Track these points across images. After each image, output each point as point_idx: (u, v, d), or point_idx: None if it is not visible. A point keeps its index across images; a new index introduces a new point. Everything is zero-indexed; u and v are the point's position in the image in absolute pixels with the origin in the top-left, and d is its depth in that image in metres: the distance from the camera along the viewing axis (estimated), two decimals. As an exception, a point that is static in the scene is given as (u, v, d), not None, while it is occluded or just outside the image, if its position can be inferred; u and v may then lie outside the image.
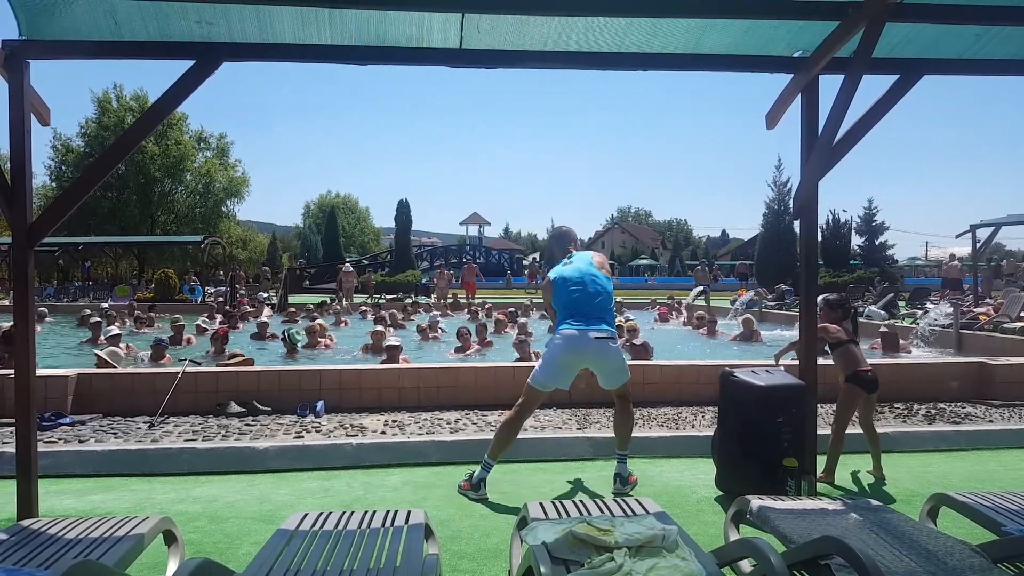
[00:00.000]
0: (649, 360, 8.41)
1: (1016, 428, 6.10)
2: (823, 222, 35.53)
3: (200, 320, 14.68)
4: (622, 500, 3.30)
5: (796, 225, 5.14)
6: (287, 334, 11.23)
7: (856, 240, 38.55)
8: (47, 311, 18.12)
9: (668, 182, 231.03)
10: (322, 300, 20.67)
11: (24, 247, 3.62)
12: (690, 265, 53.59)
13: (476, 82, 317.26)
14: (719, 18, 3.94)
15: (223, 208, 48.50)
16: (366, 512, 3.07)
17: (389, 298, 25.49)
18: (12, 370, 4.04)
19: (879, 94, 4.26)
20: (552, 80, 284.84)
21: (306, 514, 3.03)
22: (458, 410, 6.59)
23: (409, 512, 3.05)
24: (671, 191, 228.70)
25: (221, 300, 23.11)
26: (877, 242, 38.91)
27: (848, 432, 4.98)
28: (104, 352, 8.57)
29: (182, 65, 3.84)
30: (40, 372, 5.86)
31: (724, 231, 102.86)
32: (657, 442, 5.59)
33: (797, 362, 4.85)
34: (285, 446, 5.31)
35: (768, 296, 23.73)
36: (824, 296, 5.29)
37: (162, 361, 9.74)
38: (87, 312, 16.95)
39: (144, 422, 6.09)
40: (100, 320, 13.37)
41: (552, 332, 4.68)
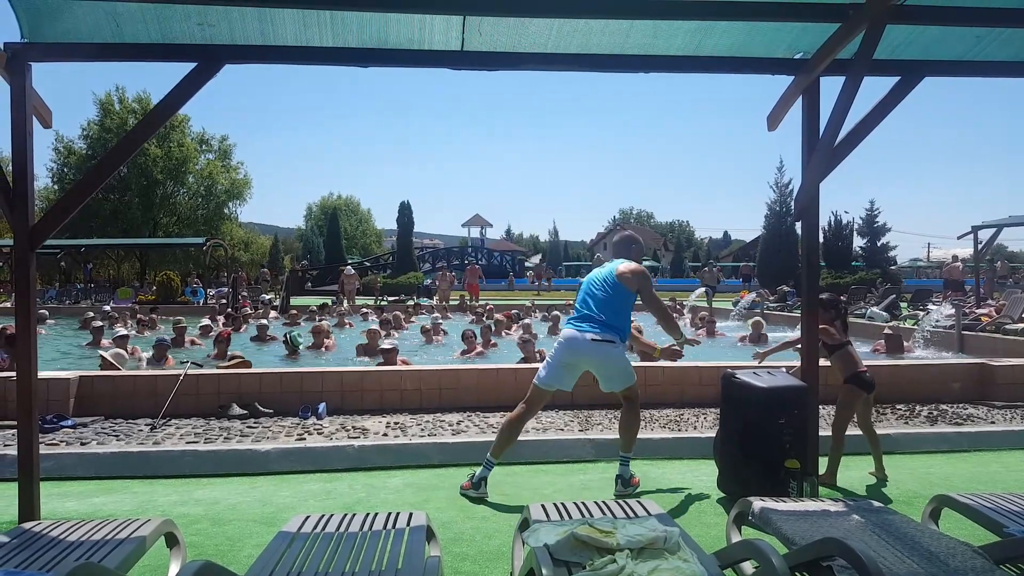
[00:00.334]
0: (650, 362, 8.38)
1: (1018, 429, 6.09)
2: (825, 223, 35.52)
3: (205, 321, 14.70)
4: (624, 502, 3.29)
5: (798, 226, 5.14)
6: (289, 336, 11.24)
7: (858, 241, 38.58)
8: (48, 313, 18.12)
9: (670, 183, 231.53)
10: (323, 302, 20.67)
11: (26, 249, 3.63)
12: (693, 267, 53.54)
13: (477, 84, 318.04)
14: (720, 20, 3.93)
15: (225, 210, 48.41)
16: (368, 514, 3.07)
17: (391, 300, 25.50)
18: (14, 372, 4.04)
19: (880, 96, 4.26)
20: (553, 82, 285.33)
21: (308, 516, 3.03)
22: (460, 412, 6.59)
23: (411, 514, 3.06)
24: (673, 192, 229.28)
25: (224, 302, 23.11)
26: (879, 243, 38.90)
27: (849, 434, 4.98)
28: (109, 354, 8.58)
29: (184, 67, 3.85)
30: (42, 374, 5.87)
31: (726, 232, 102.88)
32: (659, 444, 5.59)
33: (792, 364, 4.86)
34: (287, 448, 5.31)
35: (770, 297, 23.72)
36: (822, 296, 5.26)
37: (165, 362, 9.75)
38: (89, 314, 16.95)
39: (146, 424, 6.10)
40: (102, 324, 13.36)
41: None
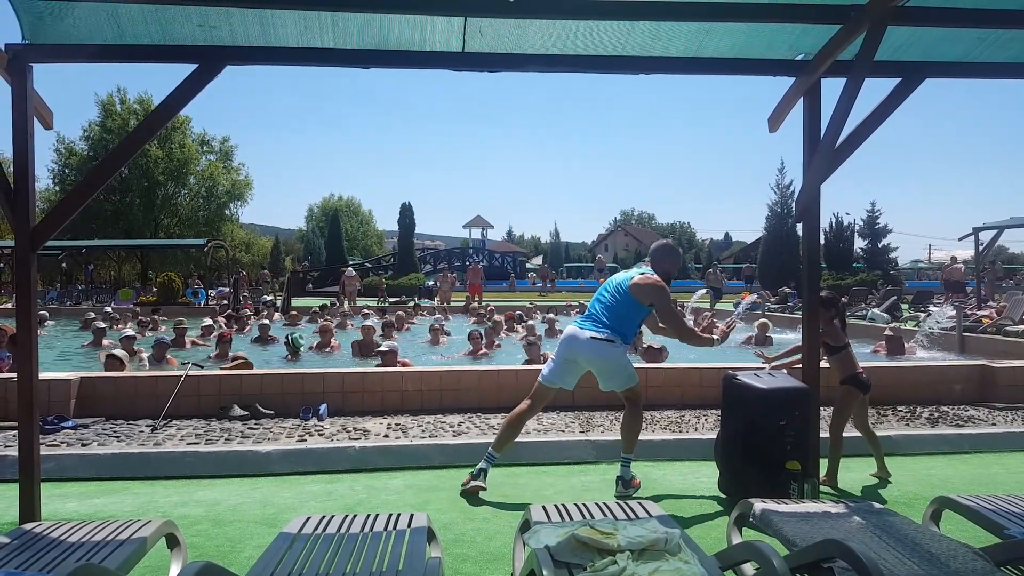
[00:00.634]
0: (652, 363, 8.39)
1: (1019, 431, 6.08)
2: (826, 225, 35.47)
3: (207, 321, 14.70)
4: (625, 503, 3.28)
5: (799, 228, 5.13)
6: (290, 338, 11.24)
7: (859, 243, 38.43)
8: (48, 314, 18.12)
9: (671, 185, 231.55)
10: (323, 304, 20.66)
11: (27, 250, 3.63)
12: (696, 268, 53.43)
13: (479, 85, 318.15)
14: (721, 21, 3.93)
15: (226, 211, 48.49)
16: (369, 515, 3.06)
17: (392, 301, 25.50)
18: (15, 373, 4.05)
19: (881, 97, 4.26)
20: (554, 83, 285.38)
21: (309, 517, 3.03)
22: (461, 413, 6.59)
23: (412, 515, 3.05)
24: (674, 193, 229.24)
25: (224, 303, 23.12)
26: (880, 245, 38.79)
27: (849, 435, 4.97)
28: (114, 351, 8.62)
29: (185, 69, 3.85)
30: (43, 375, 5.87)
31: (727, 234, 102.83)
32: (660, 445, 5.58)
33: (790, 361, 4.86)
34: (288, 449, 5.31)
35: (771, 299, 23.70)
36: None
37: (167, 362, 9.75)
38: (91, 315, 16.96)
39: (147, 425, 6.10)
40: (104, 327, 13.38)
41: None
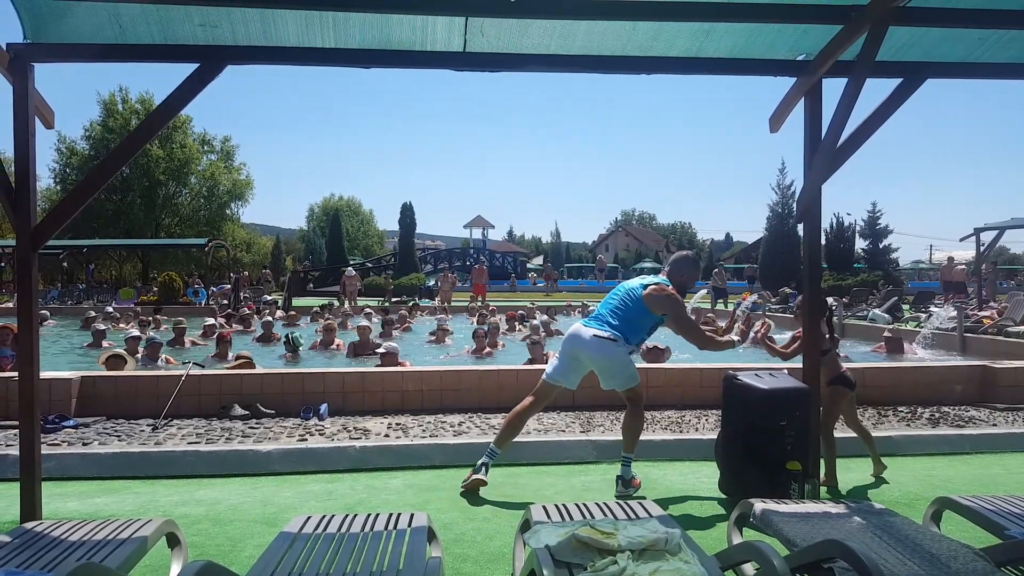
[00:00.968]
0: (653, 363, 8.40)
1: (1020, 432, 6.08)
2: (827, 225, 35.42)
3: (210, 321, 14.71)
4: (625, 503, 3.28)
5: (800, 228, 5.13)
6: (290, 336, 11.28)
7: (860, 243, 38.42)
8: (48, 314, 18.14)
9: (671, 185, 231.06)
10: (323, 303, 20.66)
11: (28, 250, 3.63)
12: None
13: (479, 85, 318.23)
14: (722, 22, 3.93)
15: (227, 211, 48.51)
16: (369, 515, 3.07)
17: (394, 301, 25.51)
18: (16, 372, 4.05)
19: (882, 97, 4.26)
20: (555, 83, 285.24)
21: (309, 517, 3.03)
22: (461, 413, 6.59)
23: (412, 515, 3.05)
24: (674, 194, 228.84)
25: (225, 302, 23.12)
26: (881, 245, 38.78)
27: (849, 436, 4.96)
28: (118, 350, 8.64)
29: (186, 68, 3.86)
30: (44, 375, 5.87)
31: (728, 234, 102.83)
32: (660, 445, 5.58)
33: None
34: (288, 449, 5.31)
35: (772, 299, 23.68)
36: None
37: (164, 361, 9.75)
38: (91, 314, 16.98)
39: (148, 425, 6.11)
40: (104, 328, 13.39)
41: None
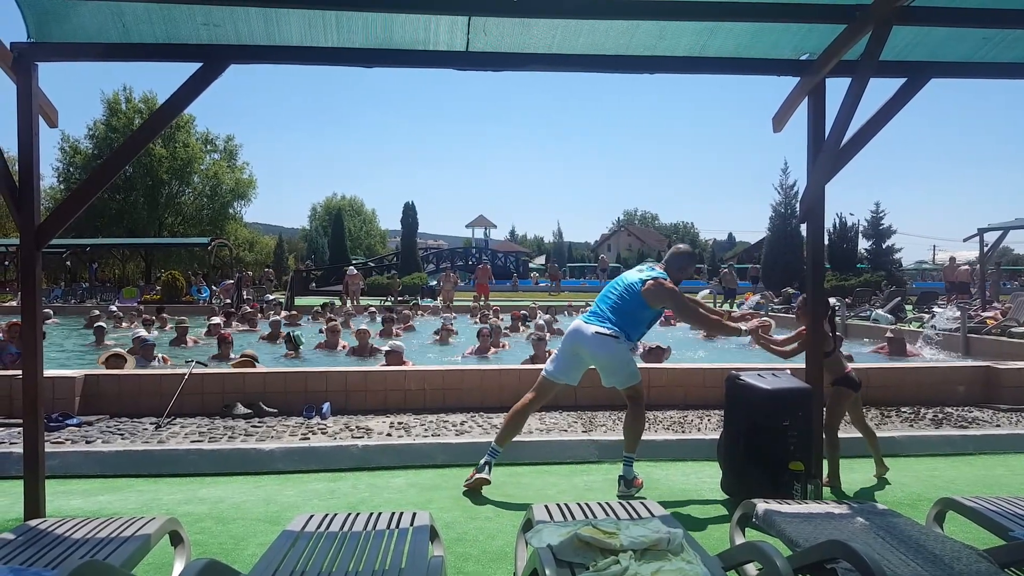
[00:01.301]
0: (655, 363, 8.40)
1: (1023, 433, 6.07)
2: (830, 225, 35.40)
3: (216, 319, 14.72)
4: (627, 503, 3.28)
5: (803, 228, 5.12)
6: (291, 335, 11.33)
7: (863, 243, 38.37)
8: (52, 312, 18.18)
9: (674, 185, 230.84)
10: (324, 303, 20.66)
11: (32, 248, 3.64)
12: (698, 269, 53.30)
13: (482, 85, 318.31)
14: (726, 21, 3.93)
15: (230, 210, 48.54)
16: (371, 514, 3.07)
17: (397, 300, 25.54)
18: (20, 371, 4.06)
19: (886, 97, 4.25)
20: (558, 83, 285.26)
21: (311, 515, 3.04)
22: (464, 412, 6.59)
23: (414, 514, 3.06)
24: (677, 194, 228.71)
25: (227, 302, 23.14)
26: (884, 245, 38.73)
27: (852, 436, 4.94)
28: (121, 349, 8.66)
29: (189, 67, 3.86)
30: (48, 373, 5.89)
31: (731, 234, 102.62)
32: (663, 445, 5.58)
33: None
34: (291, 448, 5.32)
35: (775, 299, 23.65)
36: (804, 295, 5.18)
37: (159, 360, 9.76)
38: (95, 313, 17.02)
39: (151, 423, 6.12)
40: (103, 326, 13.45)
41: None
